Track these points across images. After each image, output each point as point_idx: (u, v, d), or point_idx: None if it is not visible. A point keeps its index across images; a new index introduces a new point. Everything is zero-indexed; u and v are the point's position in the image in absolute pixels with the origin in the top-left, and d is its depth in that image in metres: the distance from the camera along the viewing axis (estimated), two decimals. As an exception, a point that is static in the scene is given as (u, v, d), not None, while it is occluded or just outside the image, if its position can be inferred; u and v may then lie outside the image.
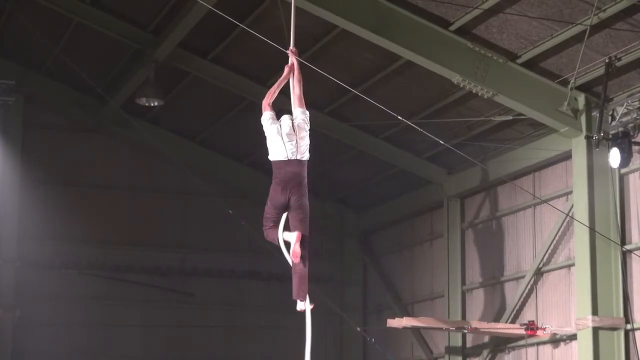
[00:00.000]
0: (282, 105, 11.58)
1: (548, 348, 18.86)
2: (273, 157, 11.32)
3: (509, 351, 19.96)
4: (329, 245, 25.21)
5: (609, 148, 16.52)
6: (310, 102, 11.81)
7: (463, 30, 16.62)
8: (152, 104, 20.94)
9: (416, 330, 21.74)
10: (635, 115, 16.53)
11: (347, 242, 25.21)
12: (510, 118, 18.29)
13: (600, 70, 16.30)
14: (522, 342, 19.18)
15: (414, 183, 22.47)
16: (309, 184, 11.40)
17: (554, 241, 18.82)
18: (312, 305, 11.60)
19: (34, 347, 22.56)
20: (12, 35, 21.39)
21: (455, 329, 19.39)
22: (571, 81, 16.75)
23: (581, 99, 17.06)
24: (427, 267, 22.89)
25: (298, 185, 11.25)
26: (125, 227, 23.80)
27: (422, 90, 19.17)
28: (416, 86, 19.09)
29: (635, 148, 16.68)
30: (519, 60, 16.92)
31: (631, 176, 17.23)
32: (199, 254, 24.28)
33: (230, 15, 14.16)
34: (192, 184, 22.14)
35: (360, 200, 24.62)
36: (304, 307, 11.63)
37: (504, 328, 19.16)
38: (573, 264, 17.88)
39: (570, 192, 18.04)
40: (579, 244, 17.23)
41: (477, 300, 21.06)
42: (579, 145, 17.21)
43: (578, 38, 15.82)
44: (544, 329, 18.34)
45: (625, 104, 16.63)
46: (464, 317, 21.00)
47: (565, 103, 16.94)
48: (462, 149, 18.21)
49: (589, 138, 16.82)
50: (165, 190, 24.24)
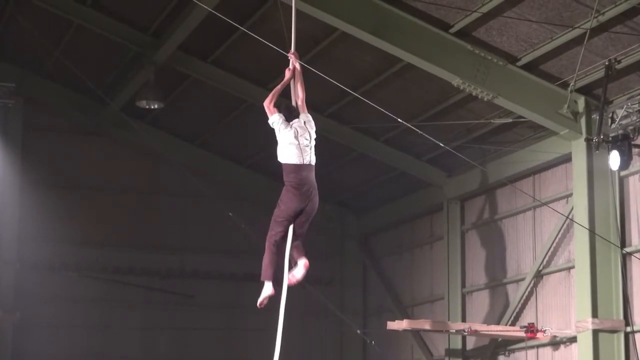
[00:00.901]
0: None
1: (548, 350, 18.86)
2: (286, 161, 11.22)
3: (508, 354, 19.95)
4: (329, 247, 25.21)
5: (609, 150, 16.52)
6: (310, 105, 11.82)
7: (463, 33, 16.63)
8: (152, 107, 20.92)
9: (416, 332, 21.74)
10: (635, 117, 16.53)
11: (347, 244, 25.20)
12: (510, 121, 18.29)
13: (600, 73, 16.30)
14: (522, 345, 19.16)
15: (414, 185, 22.47)
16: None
17: (554, 244, 18.83)
18: (272, 292, 11.64)
19: (34, 349, 22.56)
20: (12, 38, 21.39)
21: (455, 331, 19.37)
22: (571, 84, 16.76)
23: (581, 102, 17.07)
24: (427, 270, 22.89)
25: (314, 189, 11.31)
26: (125, 229, 23.80)
27: (422, 93, 19.17)
28: (416, 89, 19.09)
29: (635, 151, 16.68)
30: (519, 63, 16.93)
31: (631, 179, 17.24)
32: (199, 256, 24.27)
33: (230, 17, 14.15)
34: (192, 186, 22.13)
35: (361, 203, 24.62)
36: (270, 290, 11.65)
37: (504, 330, 19.16)
38: (573, 267, 17.89)
39: (570, 195, 18.04)
40: (579, 246, 17.24)
41: (477, 302, 21.06)
42: (578, 148, 17.21)
43: (578, 41, 15.83)
44: (544, 332, 18.33)
45: (625, 106, 16.63)
46: (464, 320, 20.99)
47: (565, 106, 16.94)
48: (462, 151, 18.21)
49: (588, 140, 16.82)
50: (165, 192, 24.24)
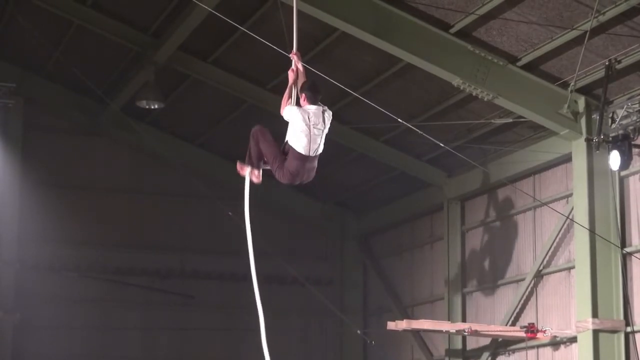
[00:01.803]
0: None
1: (548, 351, 18.86)
2: (293, 146, 11.13)
3: (509, 354, 19.95)
4: (329, 247, 25.22)
5: (609, 151, 16.52)
6: (310, 105, 11.81)
7: (463, 33, 16.63)
8: (153, 107, 20.92)
9: (416, 332, 21.74)
10: (635, 117, 16.54)
11: (348, 245, 25.20)
12: (511, 121, 18.29)
13: (600, 73, 16.31)
14: (523, 345, 19.16)
15: (414, 185, 22.46)
16: (309, 186, 11.44)
17: (554, 244, 18.83)
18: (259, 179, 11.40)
19: (34, 350, 22.55)
20: (13, 38, 21.38)
21: (456, 331, 19.37)
22: (571, 84, 16.76)
23: (581, 102, 17.07)
24: (428, 270, 22.89)
25: (309, 176, 11.25)
26: (126, 230, 23.79)
27: (423, 93, 19.17)
28: (416, 89, 19.09)
29: (635, 151, 16.68)
30: (519, 63, 16.93)
31: (631, 179, 17.24)
32: (199, 256, 24.27)
33: (230, 18, 14.17)
34: (192, 186, 22.14)
35: (361, 203, 24.62)
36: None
37: (504, 331, 19.16)
38: (573, 267, 17.89)
39: (571, 195, 18.05)
40: (579, 246, 17.24)
41: (478, 302, 21.06)
42: (579, 148, 17.21)
43: (578, 41, 15.83)
44: (544, 332, 18.32)
45: (625, 106, 16.64)
46: (464, 320, 20.99)
47: (566, 106, 16.94)
48: (463, 151, 18.22)
49: (589, 141, 16.83)
50: (166, 192, 24.23)
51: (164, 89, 20.79)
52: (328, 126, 11.29)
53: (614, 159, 16.41)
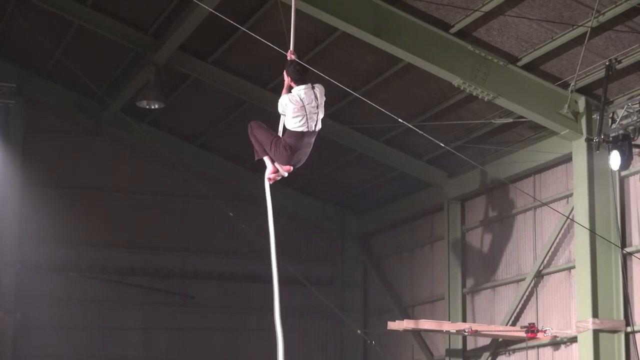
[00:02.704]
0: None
1: (548, 351, 18.86)
2: (293, 128, 11.07)
3: (509, 354, 19.95)
4: (329, 247, 25.23)
5: (610, 151, 16.53)
6: (310, 105, 11.78)
7: (463, 33, 16.63)
8: (153, 107, 20.93)
9: (417, 332, 21.74)
10: (635, 117, 16.53)
11: (348, 245, 25.20)
12: (511, 121, 18.29)
13: (601, 73, 16.31)
14: (523, 345, 19.17)
15: (415, 185, 22.47)
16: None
17: (555, 244, 18.83)
18: (274, 168, 11.37)
19: (34, 350, 22.57)
20: (13, 38, 21.39)
21: (456, 331, 19.38)
22: (571, 84, 16.76)
23: (581, 102, 17.07)
24: (428, 270, 22.89)
25: (306, 154, 11.19)
26: (126, 230, 23.80)
27: (423, 93, 19.17)
28: (416, 89, 19.09)
29: (635, 151, 16.69)
30: (520, 63, 16.93)
31: (631, 179, 17.24)
32: (199, 256, 24.28)
33: (230, 18, 14.15)
34: (193, 186, 22.14)
35: (361, 203, 24.62)
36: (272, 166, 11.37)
37: (505, 330, 19.16)
38: (573, 267, 17.89)
39: (571, 195, 18.04)
40: (579, 246, 17.24)
41: (478, 302, 21.06)
42: (579, 148, 17.21)
43: (578, 41, 15.83)
44: (545, 332, 18.33)
45: (625, 106, 16.64)
46: (464, 320, 21.00)
47: (566, 106, 16.94)
48: (463, 151, 18.21)
49: (589, 141, 16.83)
50: (166, 192, 24.24)
51: (164, 89, 20.79)
52: (323, 98, 11.28)
53: (614, 159, 16.41)
